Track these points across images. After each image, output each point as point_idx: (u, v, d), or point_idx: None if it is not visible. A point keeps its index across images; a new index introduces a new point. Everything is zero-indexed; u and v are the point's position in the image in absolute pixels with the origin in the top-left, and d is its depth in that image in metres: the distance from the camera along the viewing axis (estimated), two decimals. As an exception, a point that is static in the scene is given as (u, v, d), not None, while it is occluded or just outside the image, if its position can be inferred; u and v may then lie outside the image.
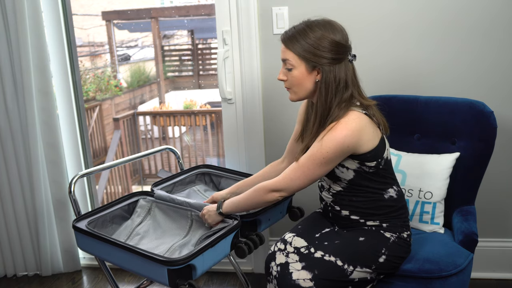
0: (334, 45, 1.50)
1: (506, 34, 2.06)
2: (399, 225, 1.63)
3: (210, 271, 2.52)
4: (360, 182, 1.58)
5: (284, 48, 1.56)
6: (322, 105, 1.54)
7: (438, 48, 2.12)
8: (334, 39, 1.50)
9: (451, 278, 1.59)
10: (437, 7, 2.08)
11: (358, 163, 1.55)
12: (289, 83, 1.59)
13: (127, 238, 1.74)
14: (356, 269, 1.55)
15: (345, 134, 1.48)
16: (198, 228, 1.73)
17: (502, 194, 2.23)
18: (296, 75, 1.55)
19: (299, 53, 1.52)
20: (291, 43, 1.53)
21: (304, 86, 1.56)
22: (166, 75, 8.34)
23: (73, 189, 1.81)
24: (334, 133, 1.48)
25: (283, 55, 1.57)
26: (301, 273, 1.52)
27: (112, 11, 8.20)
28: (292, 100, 1.63)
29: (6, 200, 2.53)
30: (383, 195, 1.61)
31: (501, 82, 2.11)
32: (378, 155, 1.56)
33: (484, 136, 1.82)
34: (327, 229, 1.69)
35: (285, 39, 1.55)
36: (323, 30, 1.50)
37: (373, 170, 1.57)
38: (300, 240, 1.62)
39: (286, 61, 1.56)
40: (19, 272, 2.65)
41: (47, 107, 2.43)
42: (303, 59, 1.52)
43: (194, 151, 6.29)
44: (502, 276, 2.29)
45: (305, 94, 1.59)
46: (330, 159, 1.50)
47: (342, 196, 1.63)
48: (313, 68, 1.53)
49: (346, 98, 1.53)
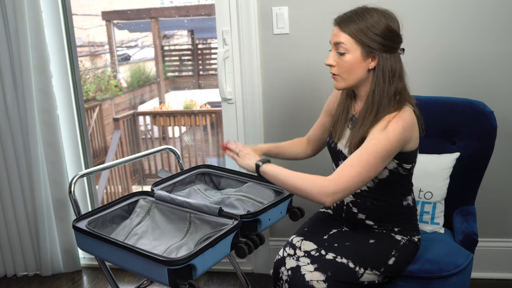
0: (389, 31, 1.45)
1: (506, 34, 2.06)
2: (410, 229, 1.62)
3: (210, 271, 2.52)
4: (390, 183, 1.55)
5: (338, 30, 1.47)
6: (379, 94, 1.47)
7: (438, 48, 2.12)
8: (391, 25, 1.45)
9: (451, 278, 1.59)
10: (435, 7, 2.08)
11: (397, 164, 1.51)
12: (338, 69, 1.50)
13: (125, 238, 1.74)
14: (366, 272, 1.53)
15: (404, 127, 1.43)
16: (196, 231, 1.73)
17: (502, 194, 2.23)
18: (350, 59, 1.47)
19: (355, 34, 1.44)
20: (347, 25, 1.45)
21: (356, 73, 1.48)
22: (166, 75, 8.35)
23: (73, 189, 1.81)
24: (396, 124, 1.42)
25: (336, 38, 1.48)
26: (315, 275, 1.49)
27: (112, 11, 8.20)
28: (338, 88, 1.54)
29: (6, 200, 2.53)
30: (402, 202, 1.59)
31: (501, 82, 2.11)
32: (415, 158, 1.54)
33: (484, 136, 1.82)
34: (334, 230, 1.67)
35: (341, 20, 1.48)
36: (381, 15, 1.46)
37: (406, 173, 1.54)
38: (309, 244, 1.60)
39: (339, 44, 1.47)
40: (19, 272, 2.65)
41: (47, 107, 2.43)
42: (359, 43, 1.44)
43: (194, 151, 6.29)
44: (502, 276, 2.29)
45: (354, 82, 1.51)
46: (392, 152, 1.44)
47: (364, 197, 1.59)
48: (368, 54, 1.46)
49: (400, 89, 1.48)
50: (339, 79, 1.52)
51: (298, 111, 2.29)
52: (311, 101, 2.25)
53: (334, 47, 1.50)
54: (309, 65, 2.22)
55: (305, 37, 2.20)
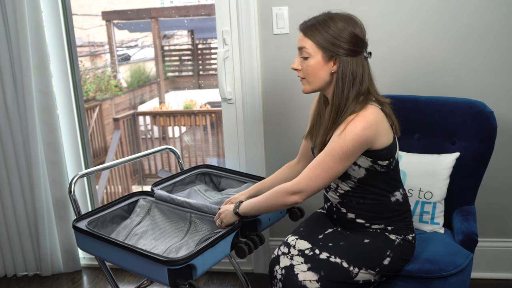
0: (354, 37, 1.49)
1: (506, 33, 2.06)
2: (403, 227, 1.62)
3: (210, 271, 2.52)
4: (370, 182, 1.57)
5: (302, 37, 1.54)
6: (339, 97, 1.51)
7: (438, 48, 2.12)
8: (354, 31, 1.49)
9: (451, 278, 1.59)
10: (435, 7, 2.08)
11: (371, 161, 1.53)
12: (303, 72, 1.56)
13: (125, 238, 1.74)
14: (361, 271, 1.53)
15: (363, 126, 1.46)
16: (196, 231, 1.73)
17: (502, 194, 2.23)
18: (312, 64, 1.52)
19: (318, 42, 1.50)
20: (311, 32, 1.51)
21: (319, 76, 1.54)
22: (166, 75, 8.34)
23: (73, 189, 1.81)
24: (354, 125, 1.46)
25: (301, 43, 1.54)
26: (307, 274, 1.50)
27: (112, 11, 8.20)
28: (305, 91, 1.60)
29: (6, 200, 2.53)
30: (390, 198, 1.60)
31: (501, 82, 2.11)
32: (390, 154, 1.55)
33: (484, 136, 1.82)
34: (329, 230, 1.68)
35: (305, 28, 1.53)
36: (344, 22, 1.50)
37: (384, 169, 1.56)
38: (304, 243, 1.61)
39: (302, 49, 1.53)
40: (19, 272, 2.65)
41: (47, 107, 2.43)
42: (321, 48, 1.50)
43: (194, 151, 6.29)
44: (502, 276, 2.29)
45: (319, 85, 1.56)
46: (350, 154, 1.48)
47: (349, 197, 1.61)
48: (330, 58, 1.51)
49: (363, 92, 1.52)
50: (305, 82, 1.58)
51: (298, 111, 2.29)
52: (311, 101, 2.25)
53: (299, 52, 1.56)
54: (309, 65, 2.21)
55: (305, 37, 2.19)
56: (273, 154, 2.37)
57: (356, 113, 1.49)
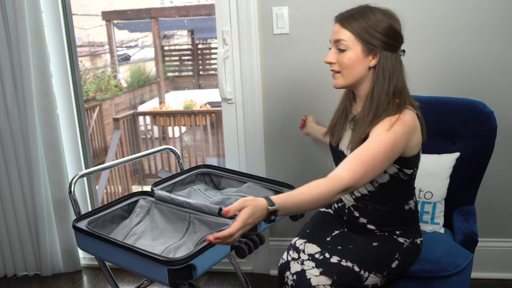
0: (392, 31, 1.44)
1: (506, 33, 2.06)
2: (412, 231, 1.62)
3: (210, 271, 2.52)
4: (391, 188, 1.53)
5: (339, 27, 1.46)
6: (379, 92, 1.45)
7: (438, 48, 2.12)
8: (393, 25, 1.44)
9: (451, 278, 1.59)
10: (431, 5, 2.08)
11: (397, 169, 1.49)
12: (339, 65, 1.48)
13: (124, 237, 1.74)
14: (370, 275, 1.52)
15: (406, 131, 1.40)
16: (194, 231, 1.73)
17: (502, 194, 2.22)
18: (350, 56, 1.45)
19: (357, 32, 1.43)
20: (348, 22, 1.44)
21: (356, 70, 1.47)
22: (166, 75, 8.34)
23: (73, 189, 1.81)
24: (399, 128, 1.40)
25: (337, 36, 1.47)
26: (321, 279, 1.47)
27: (112, 11, 8.20)
28: (337, 86, 1.52)
29: (6, 200, 2.53)
30: (404, 206, 1.58)
31: (501, 82, 2.11)
32: (416, 163, 1.52)
33: (484, 136, 1.82)
34: (336, 232, 1.67)
35: (342, 18, 1.47)
36: (383, 14, 1.45)
37: (407, 178, 1.52)
38: (313, 246, 1.59)
39: (340, 41, 1.46)
40: (19, 272, 2.65)
41: (47, 107, 2.43)
42: (360, 40, 1.43)
43: (194, 151, 6.29)
44: (502, 276, 2.29)
45: (354, 80, 1.49)
46: (396, 153, 1.40)
47: (365, 201, 1.58)
48: (369, 52, 1.44)
49: (400, 89, 1.46)
50: (339, 77, 1.50)
51: (298, 111, 2.29)
52: (311, 101, 2.25)
53: (335, 45, 1.49)
54: (309, 65, 2.21)
55: (305, 37, 2.20)
56: (273, 154, 2.37)
57: (397, 114, 1.42)
